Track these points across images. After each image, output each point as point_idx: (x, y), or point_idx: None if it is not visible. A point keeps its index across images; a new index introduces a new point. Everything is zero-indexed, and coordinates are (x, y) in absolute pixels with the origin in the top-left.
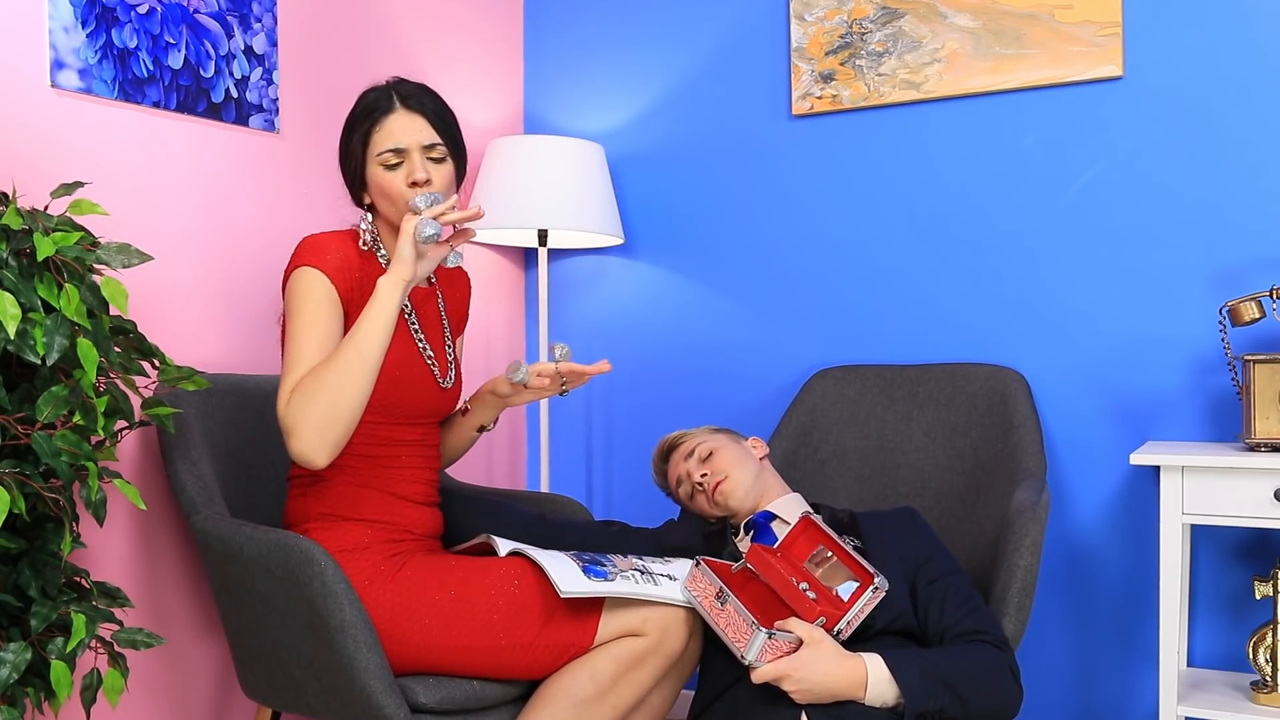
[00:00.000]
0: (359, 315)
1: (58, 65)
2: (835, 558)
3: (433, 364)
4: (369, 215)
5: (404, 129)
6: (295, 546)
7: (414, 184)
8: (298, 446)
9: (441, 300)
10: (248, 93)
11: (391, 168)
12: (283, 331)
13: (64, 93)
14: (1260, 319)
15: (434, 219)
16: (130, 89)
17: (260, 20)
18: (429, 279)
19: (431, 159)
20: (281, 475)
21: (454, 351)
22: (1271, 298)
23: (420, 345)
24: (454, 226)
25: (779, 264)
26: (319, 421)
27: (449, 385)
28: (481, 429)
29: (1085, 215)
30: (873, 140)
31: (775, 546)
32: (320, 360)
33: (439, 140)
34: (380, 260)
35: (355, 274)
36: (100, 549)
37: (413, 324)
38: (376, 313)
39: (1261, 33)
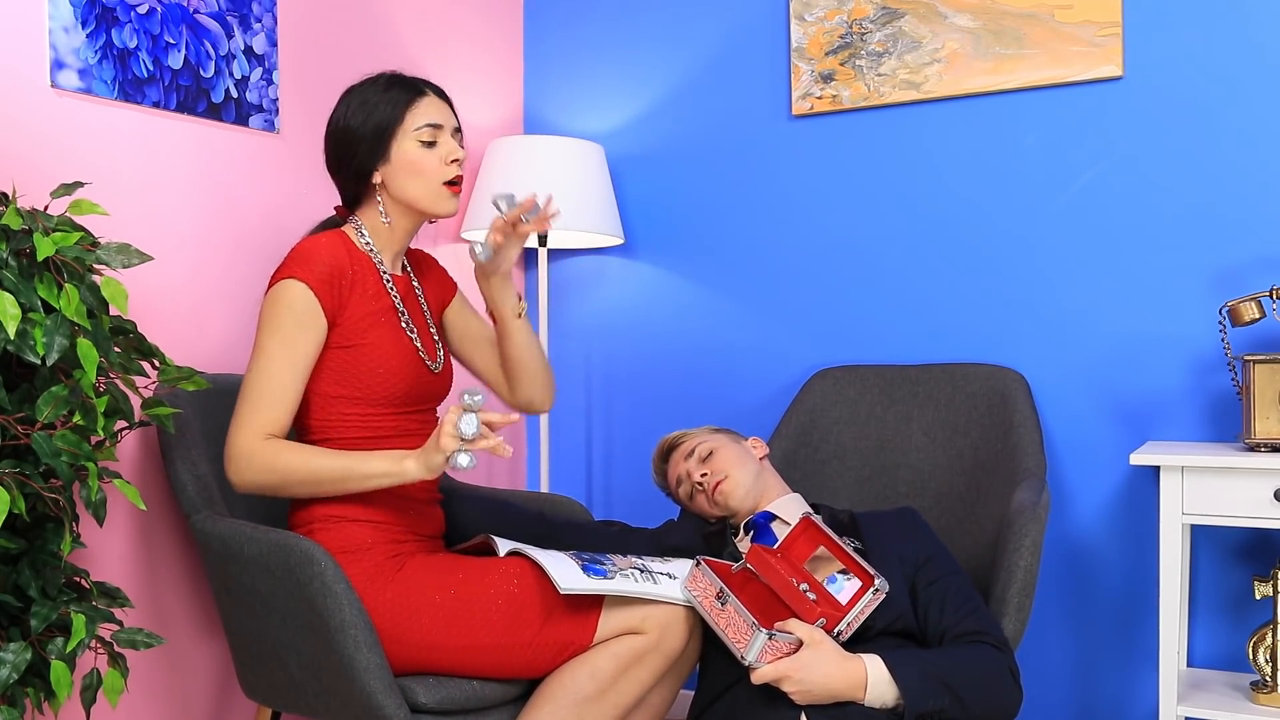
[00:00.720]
0: (353, 315)
1: (58, 65)
2: (835, 559)
3: (421, 350)
4: (360, 221)
5: (439, 111)
6: (295, 546)
7: (454, 161)
8: (231, 477)
9: (420, 288)
10: (248, 93)
11: (427, 145)
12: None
13: (64, 93)
14: (1260, 319)
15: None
16: (130, 89)
17: (260, 20)
18: (404, 267)
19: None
20: None
21: (438, 334)
22: (1271, 298)
23: (409, 334)
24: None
25: (779, 264)
26: (262, 485)
27: (438, 369)
28: (519, 316)
29: (1085, 215)
30: (873, 140)
31: (775, 547)
32: (288, 399)
33: (459, 127)
34: (375, 260)
35: (346, 277)
36: (100, 549)
37: (402, 315)
38: (380, 478)
39: (1261, 33)
